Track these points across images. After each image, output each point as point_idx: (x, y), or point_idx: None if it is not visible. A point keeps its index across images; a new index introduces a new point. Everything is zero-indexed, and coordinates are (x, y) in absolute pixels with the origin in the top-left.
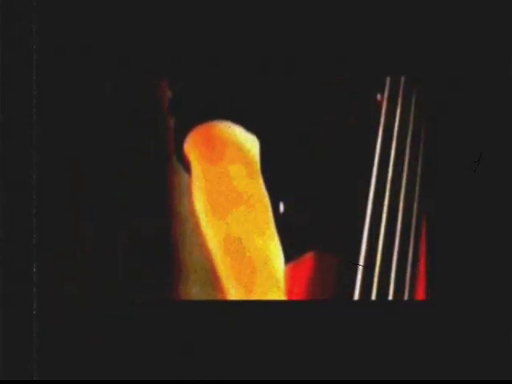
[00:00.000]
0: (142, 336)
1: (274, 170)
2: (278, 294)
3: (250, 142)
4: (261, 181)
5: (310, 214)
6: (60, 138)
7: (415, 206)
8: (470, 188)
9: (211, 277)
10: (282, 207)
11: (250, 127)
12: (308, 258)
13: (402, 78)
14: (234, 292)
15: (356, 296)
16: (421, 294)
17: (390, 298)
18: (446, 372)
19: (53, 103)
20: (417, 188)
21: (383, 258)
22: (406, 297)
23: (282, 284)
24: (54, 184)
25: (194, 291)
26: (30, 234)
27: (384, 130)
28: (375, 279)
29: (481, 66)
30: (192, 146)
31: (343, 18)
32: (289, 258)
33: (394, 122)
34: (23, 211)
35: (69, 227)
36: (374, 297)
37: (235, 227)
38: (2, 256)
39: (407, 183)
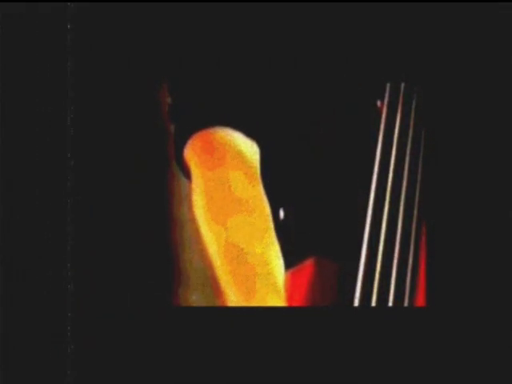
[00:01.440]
0: (141, 342)
1: (273, 176)
2: (278, 300)
3: (249, 148)
4: (261, 187)
5: (310, 220)
6: (59, 142)
7: (415, 212)
8: (469, 194)
9: (211, 283)
10: (282, 213)
11: (249, 133)
12: (308, 265)
13: (402, 85)
14: (233, 298)
15: (356, 302)
16: (421, 301)
17: (390, 304)
18: (446, 378)
19: (51, 107)
20: (417, 194)
21: (383, 265)
22: (405, 303)
23: (282, 290)
24: (54, 188)
25: (194, 297)
26: (31, 234)
27: (384, 137)
28: (375, 285)
29: (481, 72)
30: (192, 152)
31: (343, 25)
32: (289, 264)
33: (394, 129)
34: (22, 213)
35: (68, 230)
36: (374, 303)
37: (235, 233)
38: (1, 256)
39: (407, 189)
